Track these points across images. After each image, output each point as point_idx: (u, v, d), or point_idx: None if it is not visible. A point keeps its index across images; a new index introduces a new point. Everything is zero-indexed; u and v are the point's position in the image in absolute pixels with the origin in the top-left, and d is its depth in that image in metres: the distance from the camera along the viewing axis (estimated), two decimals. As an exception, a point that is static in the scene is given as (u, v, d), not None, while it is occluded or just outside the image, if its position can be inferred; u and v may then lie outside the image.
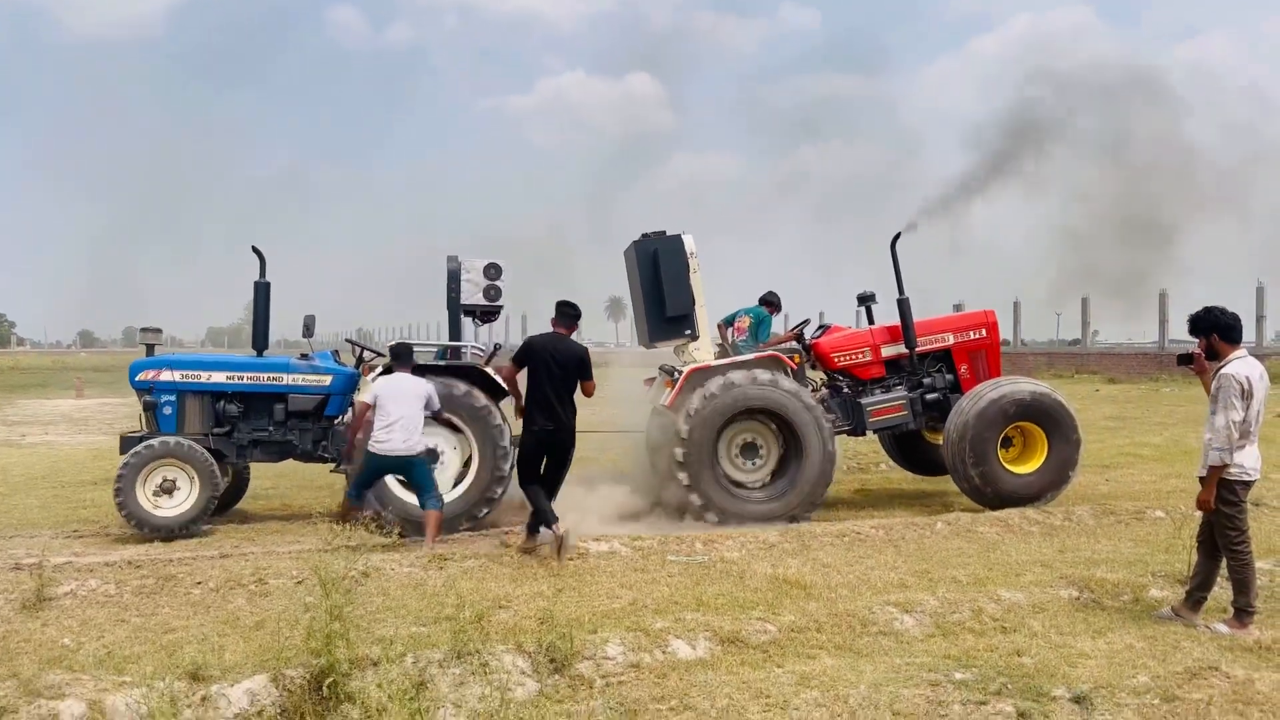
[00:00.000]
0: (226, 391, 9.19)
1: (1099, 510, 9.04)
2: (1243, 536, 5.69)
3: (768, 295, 10.81)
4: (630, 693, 4.71)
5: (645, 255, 9.59)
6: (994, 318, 10.81)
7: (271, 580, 6.57)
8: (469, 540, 8.16)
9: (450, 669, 4.76)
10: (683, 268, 9.50)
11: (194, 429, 9.09)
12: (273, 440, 9.26)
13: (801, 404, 9.24)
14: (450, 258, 9.40)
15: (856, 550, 7.71)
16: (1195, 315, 5.82)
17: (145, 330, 9.64)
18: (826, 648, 5.38)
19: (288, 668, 4.65)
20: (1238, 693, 4.60)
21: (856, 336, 10.54)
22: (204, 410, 9.16)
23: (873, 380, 10.27)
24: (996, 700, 4.51)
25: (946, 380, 10.35)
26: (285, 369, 9.24)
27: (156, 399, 9.07)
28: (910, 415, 10.10)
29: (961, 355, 10.45)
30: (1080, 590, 6.44)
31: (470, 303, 9.29)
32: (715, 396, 9.07)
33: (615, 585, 6.57)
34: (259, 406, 9.27)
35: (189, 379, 9.13)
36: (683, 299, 9.48)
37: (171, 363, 9.23)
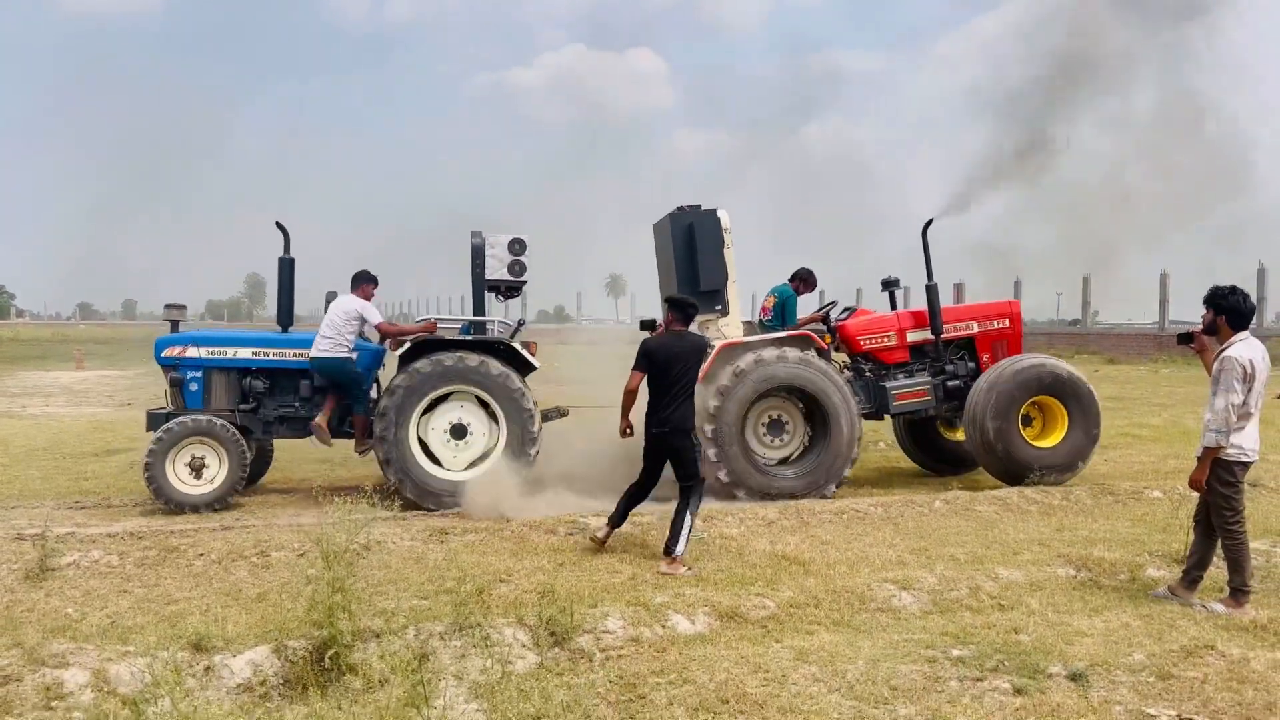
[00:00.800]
0: (252, 367, 9.19)
1: (1097, 490, 9.07)
2: (1238, 517, 5.71)
3: (800, 271, 10.54)
4: (630, 666, 4.75)
5: (680, 229, 9.58)
6: (1018, 308, 10.93)
7: (273, 552, 6.61)
8: (469, 515, 8.18)
9: (452, 641, 4.80)
10: (718, 242, 9.51)
11: (220, 405, 9.10)
12: (298, 416, 9.27)
13: (831, 383, 9.34)
14: (474, 233, 9.39)
15: (855, 528, 7.74)
16: (1218, 289, 5.74)
17: (170, 307, 9.58)
18: (824, 624, 5.42)
19: (290, 639, 4.69)
20: (1233, 671, 4.64)
21: (883, 320, 10.53)
22: (230, 386, 9.16)
23: (896, 365, 10.33)
24: (993, 677, 4.55)
25: (968, 368, 10.42)
26: (311, 345, 9.20)
27: (183, 375, 9.08)
28: (934, 400, 10.16)
29: (985, 344, 10.53)
30: (1077, 569, 6.48)
31: (494, 278, 9.29)
32: (746, 373, 9.15)
33: (615, 560, 6.61)
34: (285, 383, 9.28)
35: (215, 355, 9.11)
36: (717, 274, 9.49)
37: (198, 339, 9.22)
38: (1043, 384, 9.64)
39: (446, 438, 8.89)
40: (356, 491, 8.87)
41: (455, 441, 8.90)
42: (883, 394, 10.02)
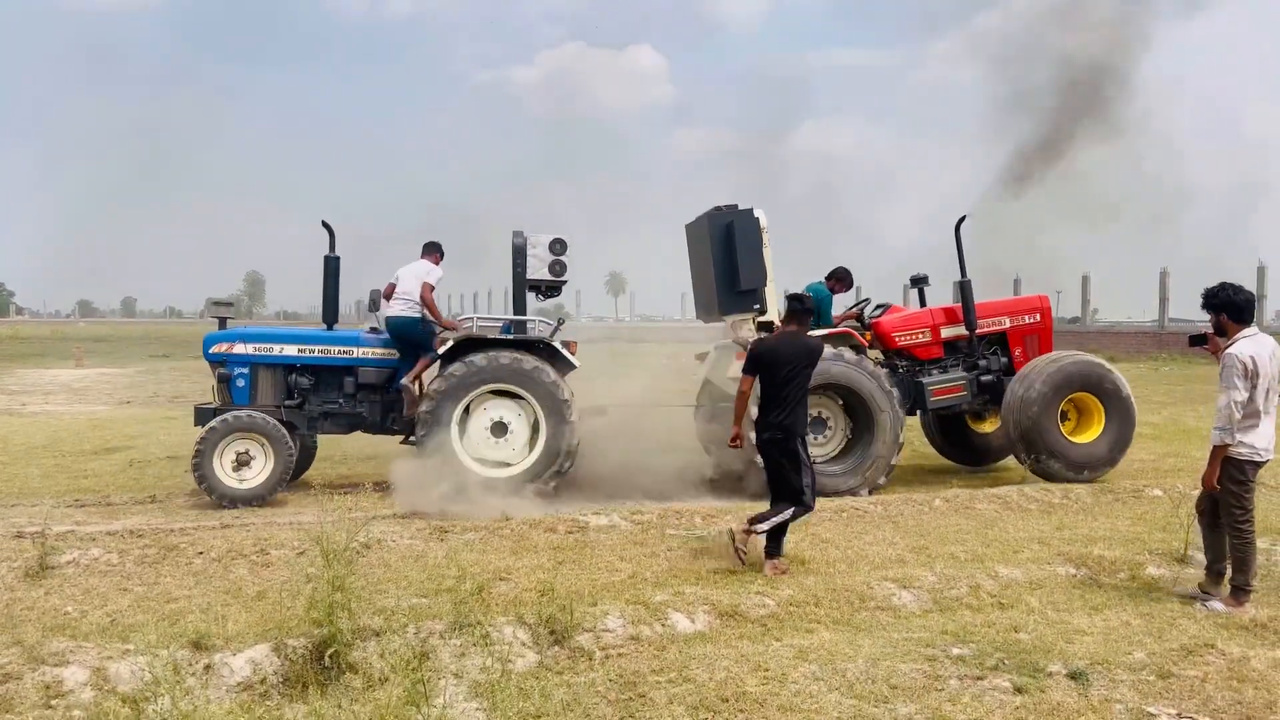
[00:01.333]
0: (298, 364, 9.33)
1: (1097, 488, 9.07)
2: (1248, 516, 5.69)
3: (836, 270, 10.57)
4: (629, 665, 4.75)
5: (718, 228, 9.63)
6: (1048, 302, 11.04)
7: (273, 551, 6.60)
8: (469, 513, 8.18)
9: (451, 640, 4.80)
10: (757, 241, 9.53)
11: (266, 401, 9.25)
12: (342, 412, 9.41)
13: (874, 380, 9.43)
14: (516, 233, 9.46)
15: (855, 526, 7.74)
16: (1209, 290, 5.76)
17: (217, 304, 9.78)
18: (824, 622, 5.42)
19: (290, 638, 4.69)
20: (1233, 670, 4.64)
21: (917, 317, 10.58)
22: (276, 383, 9.32)
23: (930, 360, 10.39)
24: (993, 675, 4.55)
25: (1001, 363, 10.50)
26: (355, 342, 9.40)
27: (230, 371, 9.22)
28: (968, 395, 10.25)
29: (1017, 339, 10.62)
30: (1077, 567, 6.48)
31: (535, 277, 9.38)
32: None
33: (615, 559, 6.60)
34: (329, 379, 9.42)
35: (262, 352, 9.27)
36: (756, 273, 9.52)
37: (245, 336, 9.36)
38: (1081, 380, 9.73)
39: (487, 435, 9.00)
40: (357, 489, 8.92)
41: (496, 439, 9.00)
42: (919, 390, 10.10)
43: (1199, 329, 5.99)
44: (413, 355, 9.40)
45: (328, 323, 9.60)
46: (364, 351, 9.43)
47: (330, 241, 9.40)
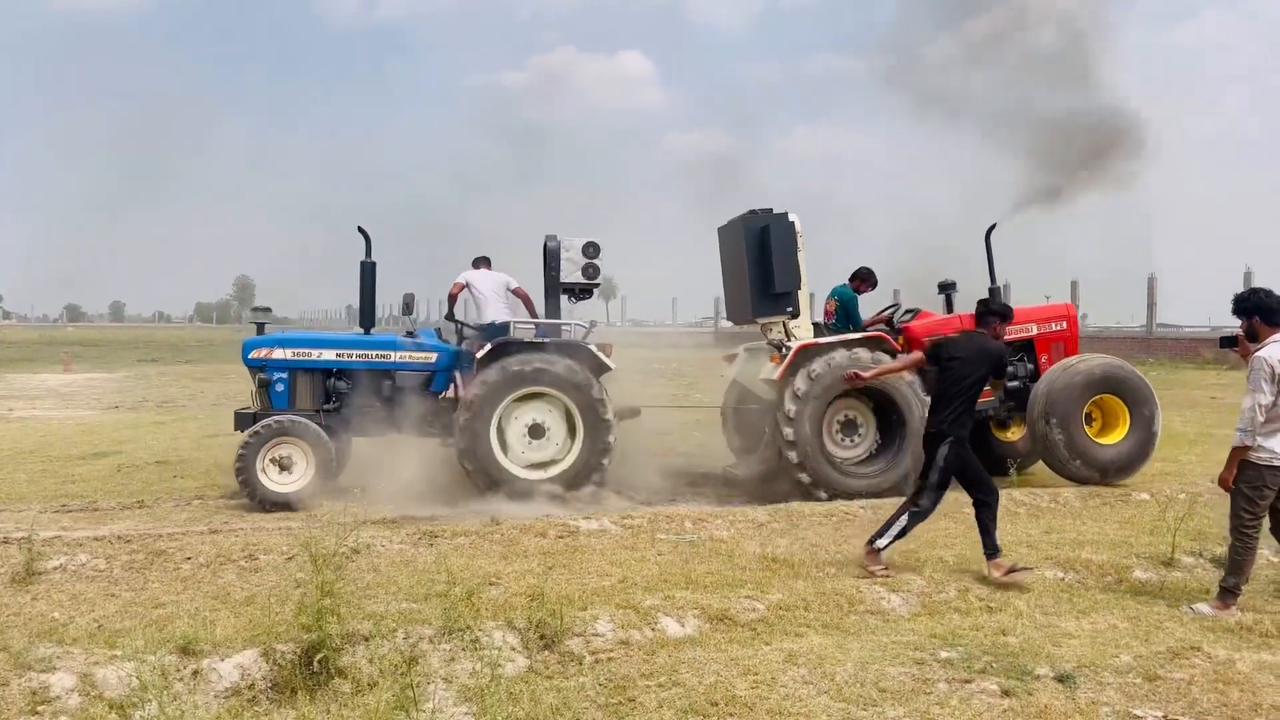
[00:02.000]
0: (336, 369, 9.44)
1: (1084, 492, 9.12)
2: (1255, 521, 5.67)
3: (860, 271, 10.61)
4: (619, 669, 4.75)
5: (753, 231, 9.75)
6: (1074, 311, 11.18)
7: (262, 556, 6.58)
8: (458, 517, 8.18)
9: (441, 645, 4.80)
10: (792, 245, 9.67)
11: (304, 405, 9.34)
12: (380, 416, 9.45)
13: (907, 385, 9.51)
14: (549, 237, 9.61)
15: (844, 530, 7.75)
16: (1239, 296, 5.74)
17: (255, 309, 9.91)
18: (814, 626, 5.43)
19: (278, 643, 4.68)
20: (1219, 673, 4.67)
21: (947, 323, 10.56)
22: (315, 387, 9.43)
23: None
24: (981, 679, 4.57)
25: (1028, 369, 10.58)
26: (393, 346, 9.52)
27: (269, 376, 9.32)
28: (997, 401, 10.31)
29: (1043, 346, 10.68)
30: (1065, 571, 6.51)
31: (569, 281, 9.52)
32: (824, 374, 9.33)
33: (605, 563, 6.60)
34: (367, 383, 9.48)
35: (301, 357, 9.38)
36: (791, 276, 9.65)
37: (284, 341, 9.51)
38: (1106, 381, 9.81)
39: (526, 437, 9.14)
40: (346, 495, 8.90)
41: (533, 441, 9.16)
42: None
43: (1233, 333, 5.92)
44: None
45: (365, 327, 9.70)
46: (401, 355, 9.55)
47: (366, 247, 9.50)
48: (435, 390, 9.59)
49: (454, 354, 9.72)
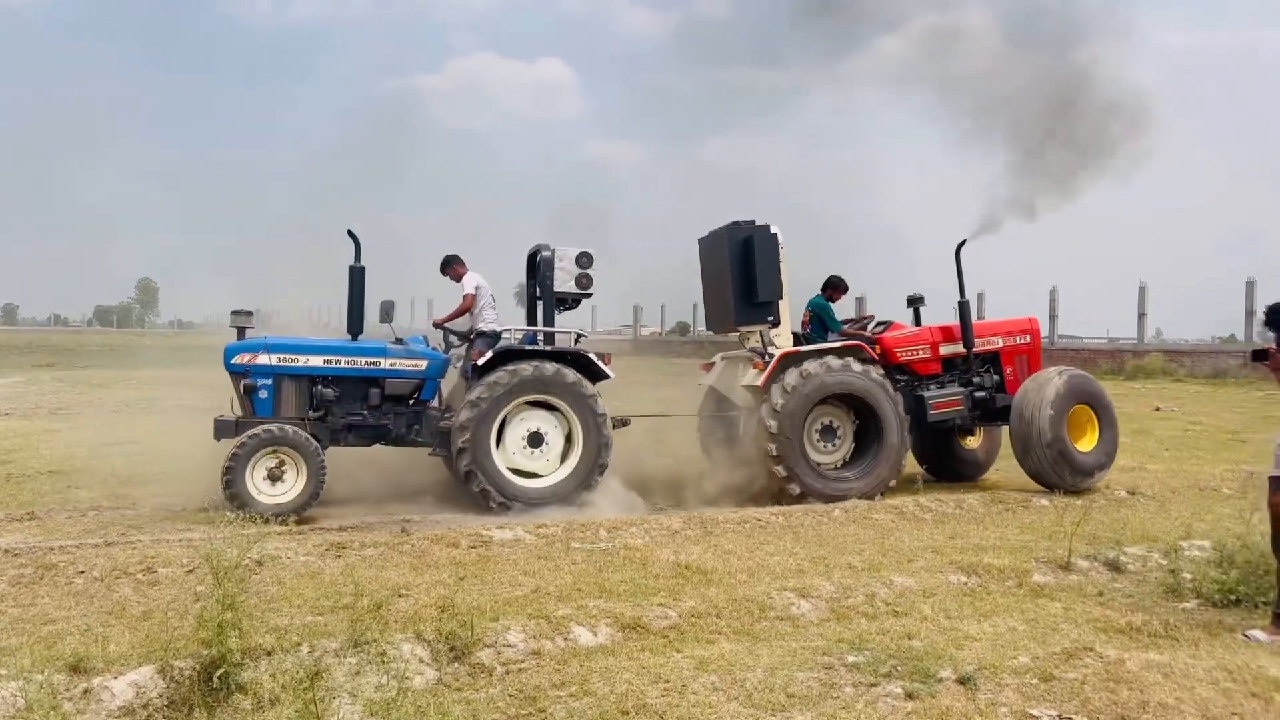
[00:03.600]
0: (323, 375, 9.21)
1: (989, 499, 9.40)
2: None
3: (831, 279, 11.01)
4: (530, 679, 4.72)
5: (736, 241, 10.04)
6: (1037, 324, 11.68)
7: (160, 569, 6.36)
8: (366, 528, 8.03)
9: (347, 658, 4.70)
10: (774, 255, 9.99)
11: (290, 413, 9.08)
12: (366, 424, 9.34)
13: (885, 392, 9.93)
14: (543, 246, 9.69)
15: (757, 537, 7.84)
16: (1271, 307, 5.66)
17: (236, 313, 9.42)
18: (725, 633, 5.48)
19: (176, 659, 4.52)
20: (1110, 672, 4.84)
21: (919, 334, 11.01)
22: (300, 394, 9.19)
23: (929, 376, 10.82)
24: (886, 682, 4.66)
25: (993, 380, 11.03)
26: (382, 353, 9.37)
27: (253, 382, 9.00)
28: (965, 410, 10.72)
29: (1009, 358, 11.18)
30: (968, 575, 6.70)
31: (562, 290, 9.57)
32: (807, 381, 9.65)
33: (518, 573, 6.55)
34: (354, 391, 9.34)
35: (286, 363, 9.13)
36: (774, 286, 9.98)
37: (269, 346, 9.19)
38: (1083, 392, 10.31)
39: (524, 445, 9.17)
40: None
41: (532, 449, 9.18)
42: (919, 403, 10.49)
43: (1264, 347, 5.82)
44: None
45: (353, 333, 9.53)
46: (390, 363, 9.40)
47: (355, 252, 9.37)
48: (424, 399, 9.53)
49: (443, 362, 9.67)
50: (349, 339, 9.50)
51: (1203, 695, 4.57)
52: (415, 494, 9.73)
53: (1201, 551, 7.19)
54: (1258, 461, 12.74)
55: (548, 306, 9.65)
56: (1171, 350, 30.36)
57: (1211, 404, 21.46)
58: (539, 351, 9.29)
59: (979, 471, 11.66)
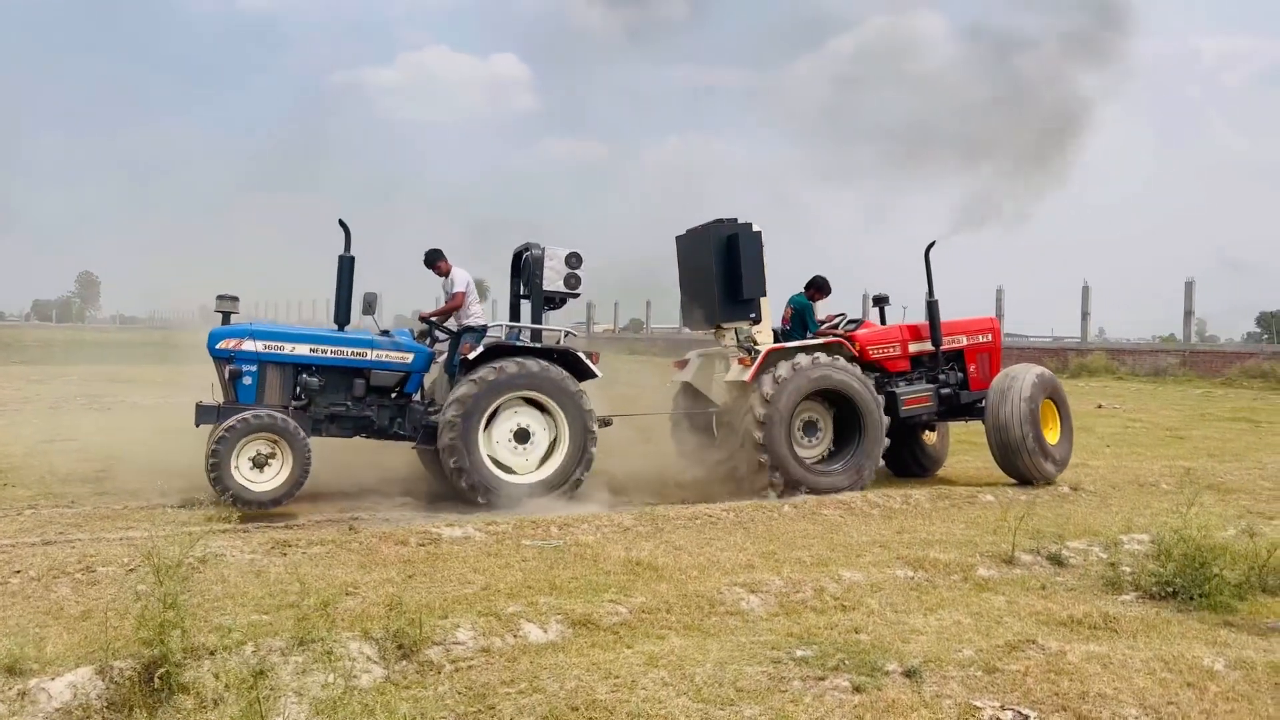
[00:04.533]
0: (309, 364, 9.13)
1: (935, 494, 9.54)
2: None
3: (815, 280, 11.23)
4: (479, 677, 4.69)
5: (720, 239, 10.20)
6: (998, 324, 12.16)
7: (100, 568, 6.21)
8: (315, 526, 7.93)
9: (292, 657, 4.63)
10: (759, 253, 10.18)
11: (273, 401, 8.99)
12: (349, 416, 9.30)
13: (865, 388, 10.19)
14: (533, 244, 9.72)
15: (707, 532, 7.88)
16: None
17: (221, 298, 9.26)
18: (676, 628, 5.50)
19: (116, 659, 4.43)
20: (1051, 664, 4.95)
21: (889, 332, 11.30)
22: (285, 382, 9.11)
23: (898, 373, 11.06)
24: (834, 676, 4.71)
25: (958, 377, 11.35)
26: (369, 345, 9.38)
27: (238, 368, 8.90)
28: (934, 406, 11.02)
29: (972, 356, 11.53)
30: (915, 570, 6.79)
31: (551, 289, 9.61)
32: (794, 376, 9.84)
33: (468, 570, 6.51)
34: (339, 381, 9.29)
35: (272, 350, 9.06)
36: (758, 284, 10.17)
37: (255, 333, 9.10)
38: (1050, 388, 10.78)
39: (511, 442, 9.19)
40: (193, 504, 8.52)
41: (519, 446, 9.22)
42: (892, 399, 10.68)
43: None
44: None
45: (340, 323, 9.46)
46: (378, 354, 9.38)
47: (345, 241, 9.32)
48: (408, 392, 9.54)
49: (429, 355, 9.69)
50: (334, 329, 9.49)
51: (1140, 685, 4.68)
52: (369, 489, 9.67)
53: (1140, 545, 7.38)
54: (1195, 457, 13.11)
55: (536, 304, 9.71)
56: (1114, 349, 31.09)
57: (1152, 401, 22.01)
58: (529, 348, 9.35)
59: (936, 466, 11.98)
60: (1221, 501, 9.59)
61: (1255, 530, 6.94)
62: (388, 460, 10.22)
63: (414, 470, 10.29)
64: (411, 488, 9.92)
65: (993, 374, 11.38)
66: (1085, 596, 6.32)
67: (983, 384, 11.25)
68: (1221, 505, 9.31)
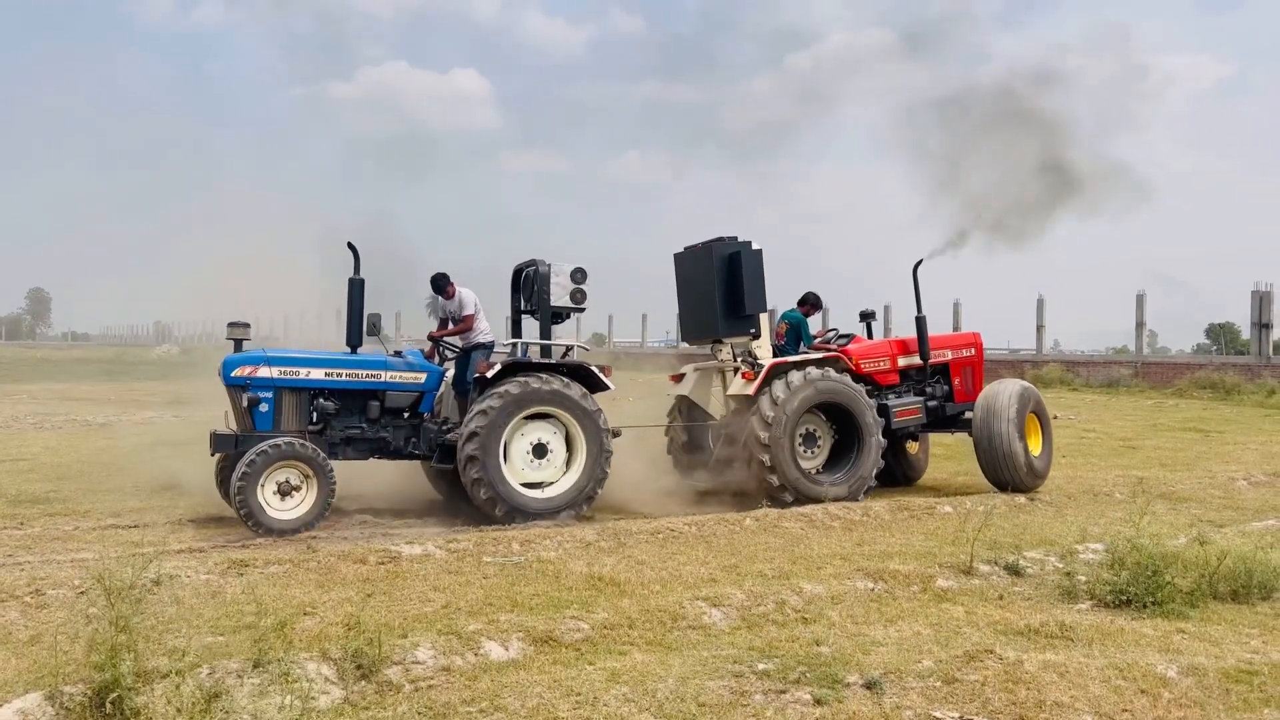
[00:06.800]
0: (324, 388, 9.13)
1: (894, 506, 9.61)
2: None
3: (808, 296, 11.55)
4: (440, 696, 4.65)
5: (722, 257, 10.47)
6: (981, 339, 12.41)
7: (50, 591, 6.08)
8: (272, 545, 7.83)
9: (249, 679, 4.55)
10: (760, 271, 10.47)
11: (289, 426, 8.96)
12: (365, 438, 9.31)
13: (864, 401, 10.46)
14: (537, 261, 9.83)
15: (670, 547, 7.88)
16: None
17: (233, 325, 9.16)
18: (638, 644, 5.48)
19: (66, 684, 4.33)
20: (1009, 673, 4.99)
21: (880, 347, 11.63)
22: (301, 407, 9.09)
23: (888, 386, 11.32)
24: (795, 689, 4.73)
25: (944, 390, 11.67)
26: (384, 366, 9.43)
27: (255, 395, 8.83)
28: (923, 418, 11.30)
29: (956, 369, 11.86)
30: (875, 581, 6.83)
31: (558, 305, 9.74)
32: (799, 389, 10.06)
33: (428, 588, 6.46)
34: (354, 404, 9.31)
35: (288, 375, 9.02)
36: (760, 300, 10.47)
37: (270, 359, 9.05)
38: (1034, 401, 11.12)
39: (529, 456, 9.26)
40: (146, 525, 8.37)
41: (537, 460, 9.30)
42: (884, 411, 10.90)
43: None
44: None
45: (352, 346, 9.44)
46: (392, 376, 9.41)
47: (355, 263, 9.33)
48: (422, 411, 9.58)
49: (440, 375, 9.76)
50: (348, 351, 9.49)
51: (1095, 693, 4.75)
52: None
53: (1095, 554, 7.49)
54: (1147, 467, 13.34)
55: (544, 320, 9.81)
56: (1069, 360, 31.64)
57: (1105, 412, 22.39)
58: (545, 365, 9.49)
59: (918, 475, 12.30)
60: (1173, 510, 9.78)
61: (1205, 538, 7.08)
62: (345, 477, 10.12)
63: (373, 488, 10.19)
64: (369, 505, 9.84)
65: (976, 387, 11.77)
66: (1042, 606, 6.40)
67: (967, 397, 11.65)
68: (1173, 514, 9.51)
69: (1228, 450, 15.52)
